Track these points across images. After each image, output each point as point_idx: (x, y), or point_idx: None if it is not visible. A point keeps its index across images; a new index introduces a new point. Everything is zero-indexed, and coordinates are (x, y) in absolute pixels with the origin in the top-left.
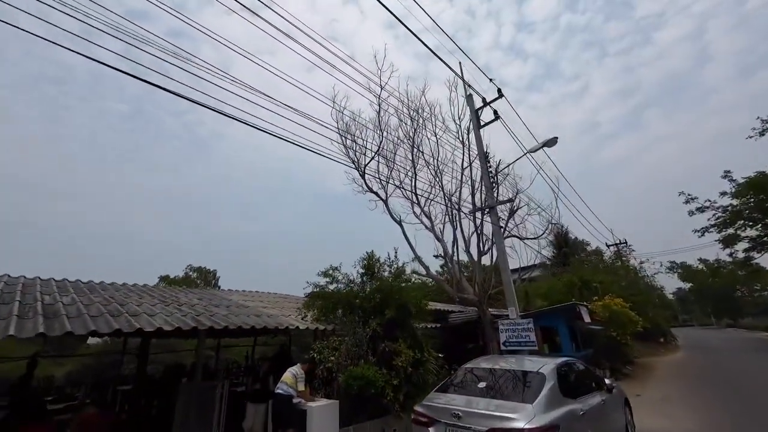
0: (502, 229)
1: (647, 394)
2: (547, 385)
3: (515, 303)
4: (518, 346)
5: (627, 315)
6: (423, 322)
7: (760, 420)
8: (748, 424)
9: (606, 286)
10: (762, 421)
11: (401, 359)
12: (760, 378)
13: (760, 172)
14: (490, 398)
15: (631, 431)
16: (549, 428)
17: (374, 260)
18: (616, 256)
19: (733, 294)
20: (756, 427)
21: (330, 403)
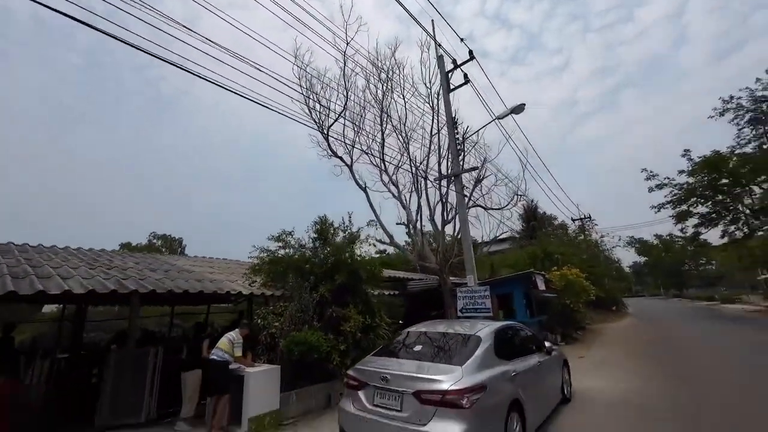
0: (466, 199)
1: (590, 357)
2: (482, 347)
3: (474, 271)
4: (474, 313)
5: (581, 284)
6: (378, 289)
7: (688, 378)
8: (678, 382)
9: (567, 258)
10: (689, 379)
11: (350, 325)
12: (693, 341)
13: (715, 152)
14: (422, 361)
15: (567, 390)
16: (475, 389)
17: (328, 225)
18: (579, 230)
19: (681, 268)
20: (683, 384)
21: (269, 368)
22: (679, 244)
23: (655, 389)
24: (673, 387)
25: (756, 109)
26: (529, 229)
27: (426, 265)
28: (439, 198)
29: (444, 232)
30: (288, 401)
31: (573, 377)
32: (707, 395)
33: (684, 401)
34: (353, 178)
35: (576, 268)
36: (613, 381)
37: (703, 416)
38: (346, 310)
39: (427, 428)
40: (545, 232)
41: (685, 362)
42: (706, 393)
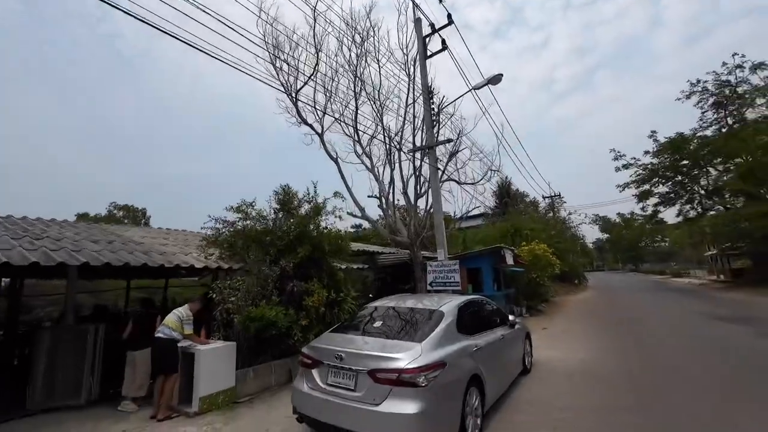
0: (440, 172)
1: (553, 328)
2: (444, 323)
3: (444, 245)
4: (443, 287)
5: (547, 259)
6: (346, 262)
7: (640, 346)
8: (631, 350)
9: (535, 234)
10: (641, 347)
11: (313, 299)
12: (646, 311)
13: (679, 134)
14: (381, 338)
15: (528, 360)
16: (434, 366)
17: (291, 195)
18: (549, 207)
19: (638, 245)
20: (636, 352)
21: (224, 345)
22: (638, 222)
23: (610, 358)
24: (626, 356)
25: (719, 93)
26: (502, 205)
27: (398, 239)
28: (412, 171)
29: (417, 205)
30: (245, 378)
31: (536, 348)
32: (655, 362)
33: (635, 369)
34: (324, 148)
35: (543, 243)
36: (572, 351)
37: (651, 382)
38: (310, 284)
39: (380, 408)
40: (517, 209)
41: (638, 331)
42: (655, 360)
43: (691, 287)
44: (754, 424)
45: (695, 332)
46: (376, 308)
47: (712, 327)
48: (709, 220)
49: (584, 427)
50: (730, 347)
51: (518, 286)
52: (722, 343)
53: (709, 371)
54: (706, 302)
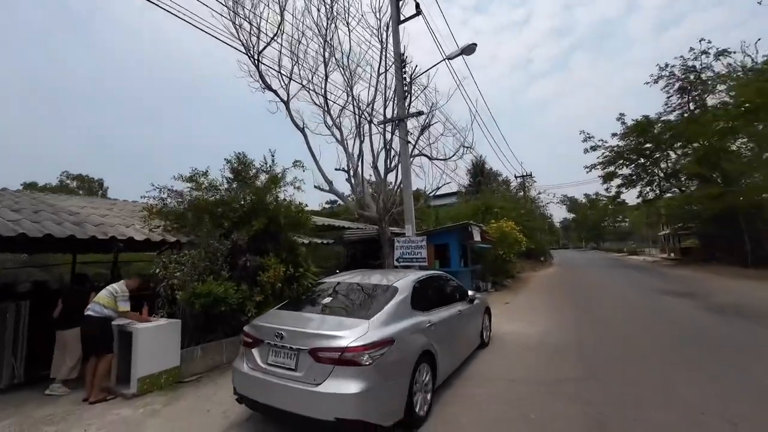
0: (411, 146)
1: (515, 302)
2: (396, 299)
3: (413, 221)
4: (410, 263)
5: (514, 236)
6: (309, 237)
7: (595, 317)
8: (587, 320)
9: (505, 212)
10: (596, 318)
11: (268, 274)
12: (603, 285)
13: (645, 117)
14: (329, 315)
15: (486, 335)
16: (381, 343)
17: (247, 164)
18: (520, 186)
19: (601, 224)
20: (591, 321)
21: (166, 323)
22: (602, 203)
23: (567, 331)
24: (582, 328)
25: (685, 78)
26: (475, 184)
27: (366, 215)
28: (383, 145)
29: (386, 180)
30: (192, 357)
31: (496, 322)
32: (608, 333)
33: (589, 340)
34: (290, 116)
35: (512, 221)
36: (532, 325)
37: (602, 353)
38: (266, 259)
39: (320, 388)
40: (490, 188)
41: (595, 305)
42: (608, 331)
43: (645, 264)
44: (691, 387)
45: (646, 305)
46: (331, 284)
47: (661, 301)
48: (665, 201)
49: (532, 400)
50: (675, 319)
51: (485, 263)
52: (668, 315)
53: (657, 341)
54: (657, 278)
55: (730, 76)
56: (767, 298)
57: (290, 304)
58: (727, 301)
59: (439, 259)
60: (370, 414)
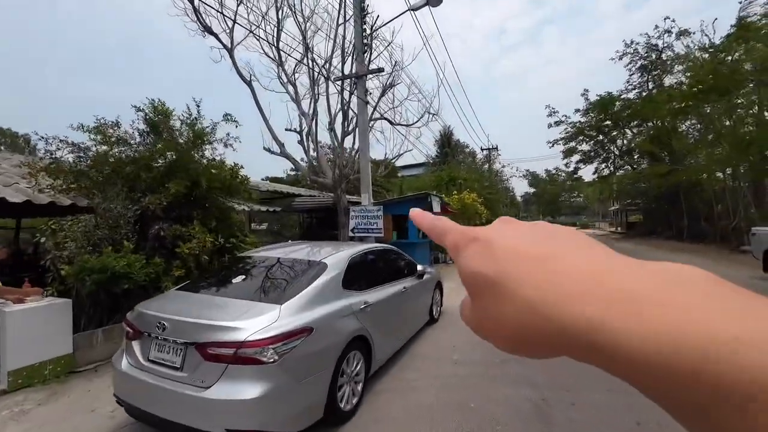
0: (371, 109)
1: None
2: (323, 278)
3: (369, 189)
4: (366, 233)
5: (475, 208)
6: (248, 203)
7: None
8: None
9: (469, 184)
10: None
11: (191, 245)
12: None
13: (608, 93)
14: (234, 298)
15: (436, 310)
16: (292, 334)
17: (165, 115)
18: (486, 159)
19: (558, 199)
20: None
21: (45, 304)
22: (561, 178)
23: None
24: None
25: (647, 57)
26: (442, 155)
27: (321, 181)
28: (340, 106)
29: (343, 144)
30: (90, 342)
31: (450, 296)
32: None
33: None
34: (234, 67)
35: (475, 193)
36: None
37: None
38: (188, 228)
39: (208, 393)
40: (456, 160)
41: None
42: None
43: (594, 237)
44: None
45: None
46: (252, 259)
47: None
48: (617, 178)
49: (474, 383)
50: None
51: None
52: None
53: None
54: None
55: (688, 57)
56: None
57: (193, 284)
58: None
59: (396, 231)
60: (271, 421)
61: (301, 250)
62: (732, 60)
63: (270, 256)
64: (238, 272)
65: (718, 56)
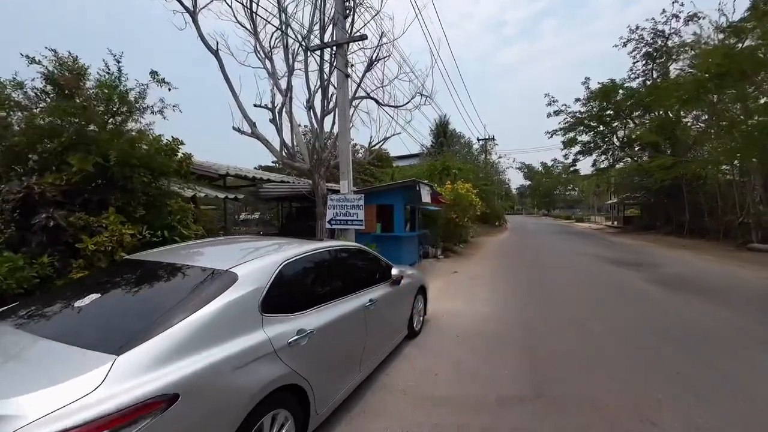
0: (355, 86)
1: (464, 272)
2: (224, 299)
3: (350, 175)
4: (345, 225)
5: (470, 199)
6: (197, 188)
7: (544, 290)
8: (535, 296)
9: (463, 174)
10: (545, 291)
11: (100, 239)
12: (553, 251)
13: (611, 80)
14: (53, 339)
15: (417, 321)
16: (127, 415)
17: (78, 73)
18: (482, 149)
19: (553, 192)
20: (539, 296)
21: None
22: (557, 171)
23: (513, 311)
24: (529, 308)
25: (653, 43)
26: (438, 145)
27: (296, 165)
28: (319, 83)
29: (323, 125)
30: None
31: (436, 298)
32: (558, 319)
33: (537, 329)
34: (199, 34)
35: (470, 183)
36: (477, 303)
37: (551, 350)
38: (98, 217)
39: None
40: (452, 150)
41: (544, 274)
42: (558, 316)
43: (590, 231)
44: (677, 402)
45: (597, 279)
46: (131, 266)
47: (611, 273)
48: (616, 171)
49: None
50: (629, 297)
51: (435, 227)
52: (621, 292)
53: (614, 330)
54: (604, 246)
55: (696, 44)
56: (707, 269)
57: (20, 308)
58: (674, 273)
59: (381, 223)
60: None
61: (217, 250)
62: (753, 41)
63: (163, 262)
64: (101, 286)
65: (737, 36)
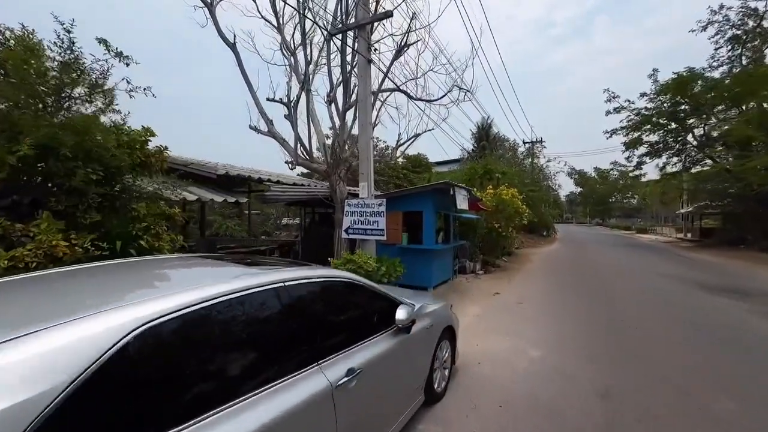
0: (382, 76)
1: (507, 293)
2: None
3: (370, 176)
4: (363, 235)
5: (515, 206)
6: (174, 184)
7: (626, 339)
8: (613, 346)
9: (508, 178)
10: (627, 340)
11: (20, 252)
12: (618, 271)
13: (689, 68)
14: None
15: (439, 378)
16: None
17: (29, 50)
18: (528, 152)
19: (608, 200)
20: (620, 349)
21: None
22: (613, 176)
23: (578, 363)
24: (603, 360)
25: (742, 24)
26: (479, 149)
27: (314, 166)
28: (341, 76)
29: (344, 120)
30: None
31: (472, 332)
32: (651, 379)
33: (620, 398)
34: (216, 27)
35: (514, 189)
36: (526, 342)
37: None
38: (26, 223)
39: None
40: (495, 155)
41: (618, 306)
42: (650, 374)
43: (659, 245)
44: None
45: (692, 315)
46: None
47: (709, 305)
48: (691, 175)
49: None
50: (747, 345)
51: (474, 237)
52: (734, 338)
53: (740, 406)
54: (683, 265)
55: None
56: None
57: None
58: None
59: (408, 233)
60: None
61: (41, 293)
62: None
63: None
64: None
65: None
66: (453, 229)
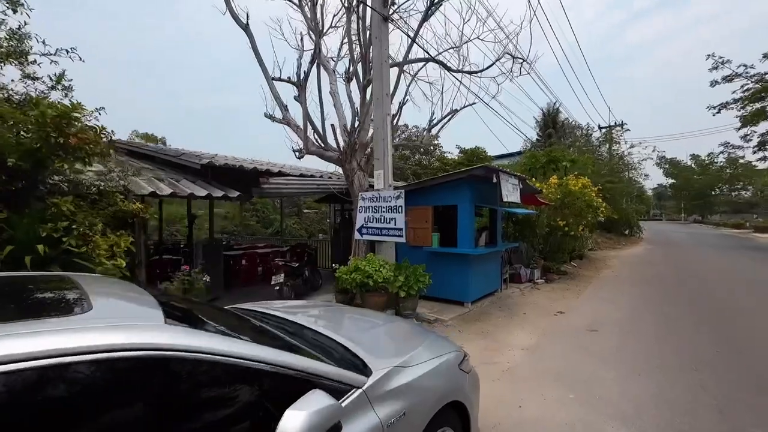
0: (409, 41)
1: (574, 313)
2: None
3: (387, 163)
4: (378, 235)
5: (588, 198)
6: (157, 179)
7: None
8: (735, 412)
9: (577, 166)
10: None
11: None
12: (735, 285)
13: None
14: None
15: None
16: None
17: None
18: (605, 138)
19: (709, 192)
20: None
21: None
22: (717, 164)
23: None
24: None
25: None
26: (545, 137)
27: (328, 154)
28: (361, 48)
29: (365, 98)
30: None
31: (517, 383)
32: None
33: None
34: (228, 7)
35: (586, 179)
36: (602, 402)
37: None
38: None
39: None
40: (564, 143)
41: (753, 338)
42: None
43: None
44: None
45: None
46: None
47: None
48: None
49: None
50: None
51: (533, 237)
52: None
53: None
54: None
55: None
56: None
57: None
58: None
59: (439, 232)
60: None
61: None
62: None
63: None
64: None
65: None
66: (500, 228)
